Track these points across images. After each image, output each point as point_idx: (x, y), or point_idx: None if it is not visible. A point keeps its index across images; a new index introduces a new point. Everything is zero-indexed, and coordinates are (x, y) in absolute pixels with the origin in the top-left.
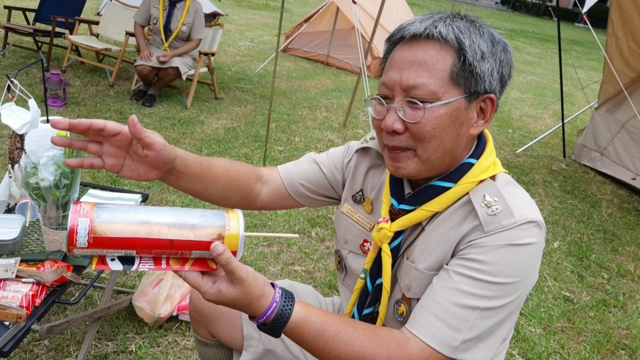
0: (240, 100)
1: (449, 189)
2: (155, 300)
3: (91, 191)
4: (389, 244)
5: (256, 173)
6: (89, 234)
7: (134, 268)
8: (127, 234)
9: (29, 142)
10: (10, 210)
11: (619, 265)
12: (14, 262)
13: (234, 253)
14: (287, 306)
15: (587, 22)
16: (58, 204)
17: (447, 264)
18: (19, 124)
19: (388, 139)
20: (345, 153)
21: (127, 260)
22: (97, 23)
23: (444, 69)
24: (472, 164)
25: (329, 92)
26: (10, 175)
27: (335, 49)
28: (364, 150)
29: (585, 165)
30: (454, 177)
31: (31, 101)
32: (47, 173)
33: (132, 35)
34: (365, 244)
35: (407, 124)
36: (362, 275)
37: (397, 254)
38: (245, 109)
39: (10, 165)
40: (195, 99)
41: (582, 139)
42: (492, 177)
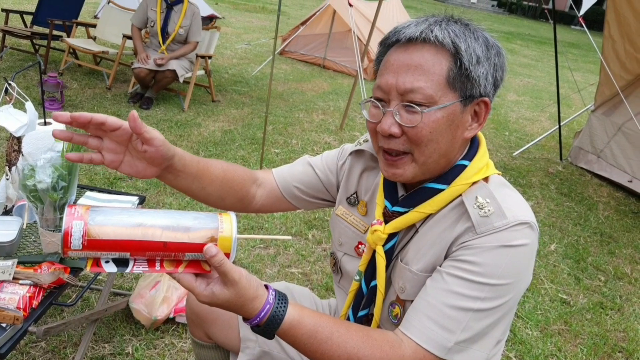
0: (237, 102)
1: (442, 190)
2: (152, 303)
3: (88, 193)
4: (383, 246)
5: (252, 176)
6: (83, 236)
7: (128, 270)
8: (121, 236)
9: (27, 145)
10: (7, 212)
11: (615, 267)
12: (11, 264)
13: (227, 255)
14: (281, 308)
15: (583, 24)
16: (55, 206)
17: (440, 266)
18: (16, 126)
19: (384, 141)
20: (339, 156)
21: (121, 263)
22: (94, 26)
23: (441, 73)
24: (465, 166)
25: (326, 95)
26: (8, 178)
27: (332, 51)
28: (357, 153)
29: (582, 168)
30: (447, 179)
31: (28, 104)
32: (45, 175)
33: (130, 38)
34: (360, 246)
35: (404, 127)
36: (357, 278)
37: (391, 256)
38: (242, 111)
39: (7, 168)
40: (193, 101)
41: (579, 141)
42: (485, 179)
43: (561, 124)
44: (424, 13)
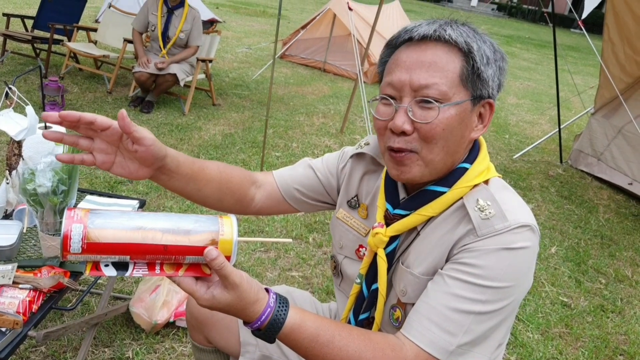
0: (237, 106)
1: (443, 193)
2: (152, 307)
3: (88, 197)
4: (384, 248)
5: (250, 177)
6: (82, 239)
7: (127, 274)
8: (120, 239)
9: (27, 149)
10: (7, 216)
11: (616, 270)
12: (11, 268)
13: (228, 258)
14: (282, 311)
15: (583, 28)
16: (55, 210)
17: (441, 269)
18: (16, 130)
19: (393, 140)
20: (340, 159)
21: (121, 266)
22: (95, 30)
23: (454, 70)
24: (466, 169)
25: (326, 98)
26: (8, 182)
27: (332, 55)
28: (358, 156)
29: (582, 171)
30: (449, 181)
31: (29, 108)
32: (45, 179)
33: (130, 42)
34: (361, 249)
35: (417, 124)
36: (358, 281)
37: (392, 258)
38: (242, 115)
39: (7, 172)
40: (193, 105)
41: (579, 144)
42: (486, 182)
43: (561, 126)
44: (424, 17)
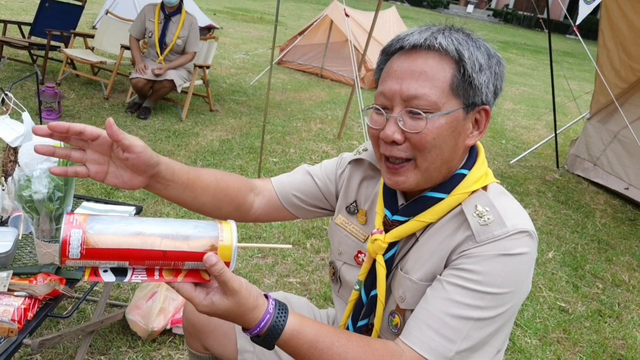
0: (235, 112)
1: (441, 199)
2: (148, 314)
3: (85, 204)
4: (383, 255)
5: (249, 184)
6: (81, 245)
7: (126, 279)
8: (119, 245)
9: (23, 155)
10: (3, 223)
11: (613, 275)
12: (6, 275)
13: (227, 264)
14: (281, 317)
15: (578, 34)
16: (51, 216)
17: (440, 275)
18: (12, 136)
19: (386, 148)
20: (338, 165)
21: (119, 272)
22: (92, 36)
23: (444, 79)
24: (465, 175)
25: (324, 104)
26: (4, 188)
27: (329, 61)
28: (357, 162)
29: (579, 176)
30: (447, 187)
31: (25, 114)
32: (41, 186)
33: (127, 48)
34: (360, 255)
35: (407, 134)
36: (357, 287)
37: (391, 265)
38: (240, 120)
39: (3, 178)
40: (190, 111)
41: (575, 149)
42: (484, 188)
43: (557, 132)
44: (420, 23)
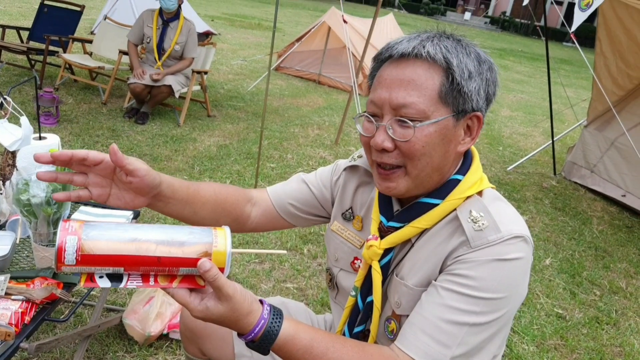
0: (232, 117)
1: (436, 205)
2: (145, 318)
3: (82, 208)
4: (378, 261)
5: (246, 195)
6: (77, 251)
7: (122, 285)
8: (115, 251)
9: (21, 159)
10: (0, 226)
11: (610, 282)
12: (3, 279)
13: (222, 270)
14: (275, 323)
15: (575, 41)
16: (49, 220)
17: (435, 280)
18: (10, 140)
19: (377, 155)
20: (333, 171)
21: (115, 278)
22: (90, 42)
23: (433, 88)
24: (459, 180)
25: (321, 110)
26: (1, 192)
27: (326, 67)
28: (352, 169)
29: (576, 183)
30: (442, 193)
31: (23, 118)
32: (39, 190)
33: (126, 53)
34: (356, 261)
35: (397, 142)
36: (353, 293)
37: (387, 271)
38: (237, 126)
39: (1, 182)
40: (188, 116)
41: (572, 156)
42: (479, 193)
43: (554, 139)
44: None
